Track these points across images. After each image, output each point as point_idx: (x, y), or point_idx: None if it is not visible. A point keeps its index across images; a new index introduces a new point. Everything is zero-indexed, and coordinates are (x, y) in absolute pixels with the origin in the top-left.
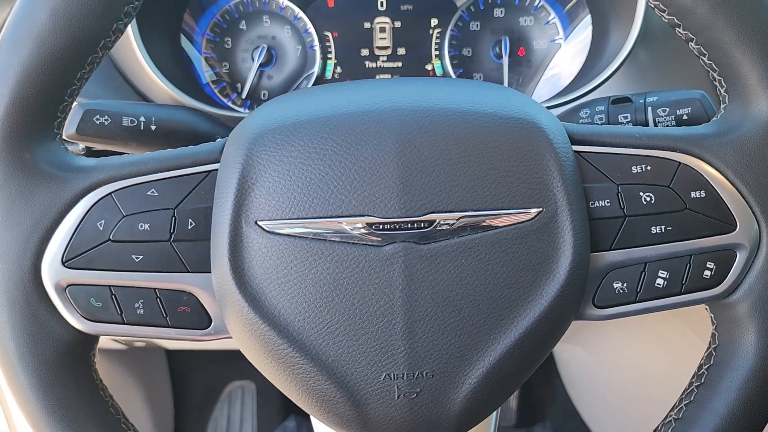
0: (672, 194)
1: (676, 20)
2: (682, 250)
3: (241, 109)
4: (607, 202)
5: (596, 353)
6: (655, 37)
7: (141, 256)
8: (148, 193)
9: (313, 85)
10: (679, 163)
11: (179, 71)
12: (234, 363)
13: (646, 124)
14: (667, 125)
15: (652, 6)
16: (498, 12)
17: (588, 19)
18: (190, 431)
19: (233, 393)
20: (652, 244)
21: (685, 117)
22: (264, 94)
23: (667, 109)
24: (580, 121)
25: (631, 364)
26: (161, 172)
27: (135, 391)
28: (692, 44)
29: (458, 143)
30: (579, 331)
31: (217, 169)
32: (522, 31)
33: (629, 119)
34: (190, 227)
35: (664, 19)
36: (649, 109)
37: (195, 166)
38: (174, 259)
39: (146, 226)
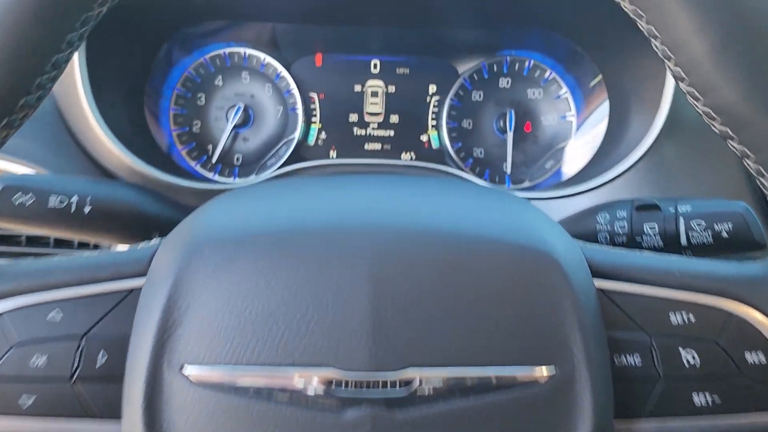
0: (720, 353)
1: (729, 132)
2: (732, 427)
3: (211, 174)
4: (638, 359)
5: None
6: (683, 128)
7: (33, 397)
8: (50, 314)
9: (294, 151)
10: (729, 313)
11: (138, 132)
12: None
13: (677, 237)
14: (703, 242)
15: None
16: (504, 82)
17: (604, 99)
18: None
19: None
20: (694, 415)
21: (724, 234)
22: (238, 158)
23: (703, 223)
24: (598, 227)
25: None
26: (70, 286)
27: None
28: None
29: (447, 278)
30: None
31: (141, 287)
32: (529, 104)
33: (656, 230)
34: (99, 364)
35: (712, 125)
36: (681, 219)
37: (115, 279)
38: (75, 403)
39: (42, 360)
